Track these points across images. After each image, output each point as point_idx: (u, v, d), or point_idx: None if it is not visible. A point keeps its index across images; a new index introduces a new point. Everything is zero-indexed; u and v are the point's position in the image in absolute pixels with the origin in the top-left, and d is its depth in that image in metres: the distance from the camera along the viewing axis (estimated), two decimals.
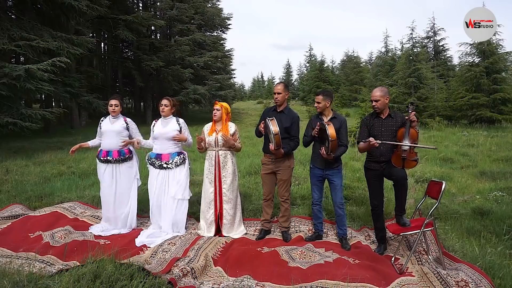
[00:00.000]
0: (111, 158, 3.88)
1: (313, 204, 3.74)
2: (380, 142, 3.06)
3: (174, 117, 3.97)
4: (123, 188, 3.95)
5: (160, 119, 3.94)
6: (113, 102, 3.93)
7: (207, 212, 3.84)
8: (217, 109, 3.81)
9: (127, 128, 3.97)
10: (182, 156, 3.92)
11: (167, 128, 3.87)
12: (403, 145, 3.00)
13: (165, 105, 3.88)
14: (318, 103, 3.53)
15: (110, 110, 3.94)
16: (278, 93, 3.65)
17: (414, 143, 3.02)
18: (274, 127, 3.34)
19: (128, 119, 4.04)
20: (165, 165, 3.83)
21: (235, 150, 3.91)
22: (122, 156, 3.91)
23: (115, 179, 3.91)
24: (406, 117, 3.05)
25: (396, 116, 3.24)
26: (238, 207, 3.92)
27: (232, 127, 3.86)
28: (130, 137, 4.01)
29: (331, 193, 3.66)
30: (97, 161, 3.97)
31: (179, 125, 3.91)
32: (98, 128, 4.02)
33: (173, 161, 3.85)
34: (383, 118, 3.25)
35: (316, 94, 3.60)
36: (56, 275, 2.66)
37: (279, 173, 3.71)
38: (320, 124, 3.37)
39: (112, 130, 3.90)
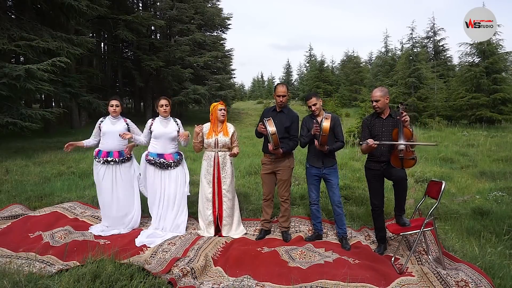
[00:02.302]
0: (111, 159, 3.87)
1: (311, 204, 3.74)
2: (378, 143, 3.09)
3: (171, 117, 3.99)
4: (125, 189, 3.95)
5: (158, 119, 3.93)
6: (114, 102, 3.91)
7: (204, 213, 3.84)
8: (224, 109, 3.82)
9: (128, 129, 3.97)
10: (181, 156, 4.00)
11: (168, 128, 3.89)
12: (402, 144, 3.00)
13: (165, 105, 3.89)
14: (314, 105, 3.52)
15: (111, 111, 3.92)
16: (283, 96, 3.63)
17: (410, 142, 3.02)
18: (271, 127, 3.35)
19: (128, 120, 4.04)
20: (166, 165, 3.85)
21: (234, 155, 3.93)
22: (122, 157, 3.92)
23: (115, 180, 3.90)
24: (398, 117, 3.06)
25: (396, 116, 3.24)
26: (236, 207, 3.92)
27: (231, 127, 3.86)
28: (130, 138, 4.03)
29: (328, 192, 3.66)
30: (95, 162, 3.93)
31: (177, 125, 3.96)
32: (97, 128, 3.95)
33: (175, 160, 3.89)
34: (384, 118, 3.25)
35: (308, 99, 3.57)
36: (56, 275, 2.66)
37: (279, 173, 3.71)
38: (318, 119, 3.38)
39: (115, 131, 3.88)
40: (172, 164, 3.88)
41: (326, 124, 3.22)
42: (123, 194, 3.94)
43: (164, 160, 3.85)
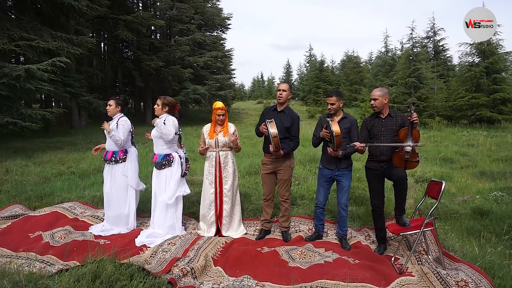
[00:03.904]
0: (106, 159, 3.94)
1: (317, 206, 3.69)
2: (364, 145, 3.11)
3: (167, 116, 3.86)
4: (117, 188, 3.92)
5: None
6: (108, 102, 4.01)
7: (207, 214, 3.84)
8: (222, 114, 3.76)
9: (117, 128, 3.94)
10: (167, 158, 3.79)
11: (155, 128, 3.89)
12: (408, 145, 3.00)
13: (156, 104, 3.89)
14: (332, 104, 3.42)
15: (106, 110, 4.04)
16: (283, 90, 3.63)
17: (416, 144, 3.02)
18: (272, 129, 3.34)
19: (122, 119, 3.96)
20: (156, 165, 3.85)
21: (237, 150, 3.91)
22: (115, 157, 3.91)
23: (110, 179, 3.93)
24: (408, 117, 3.03)
25: (396, 115, 3.24)
26: (238, 207, 3.92)
27: (231, 127, 3.86)
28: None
29: (337, 193, 3.62)
30: None
31: (164, 123, 3.78)
32: None
33: (158, 162, 3.81)
34: (383, 118, 3.26)
35: (328, 96, 3.45)
36: (56, 275, 2.66)
37: (279, 173, 3.70)
38: (325, 120, 3.36)
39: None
40: (158, 165, 3.81)
41: (336, 127, 3.17)
42: (115, 194, 3.92)
43: (154, 161, 3.87)
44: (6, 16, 11.05)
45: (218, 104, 3.82)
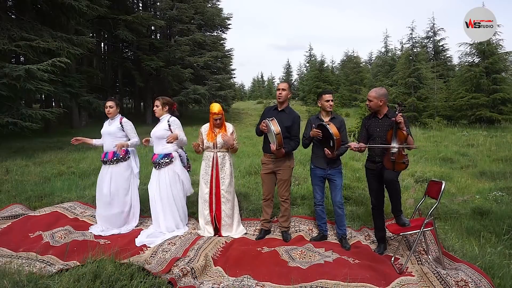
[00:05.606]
0: (107, 160, 3.93)
1: (316, 204, 3.72)
2: (359, 146, 3.16)
3: (168, 116, 3.93)
4: (117, 188, 3.93)
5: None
6: (107, 103, 4.00)
7: (203, 213, 3.86)
8: (219, 119, 3.73)
9: (122, 129, 3.99)
10: (168, 157, 3.84)
11: (156, 128, 3.92)
12: (394, 147, 3.00)
13: (156, 105, 3.93)
14: (333, 101, 3.56)
15: (106, 112, 4.01)
16: (283, 89, 3.65)
17: (403, 145, 3.02)
18: (275, 127, 3.34)
19: (124, 120, 4.04)
20: (155, 165, 3.87)
21: (233, 151, 3.89)
22: (116, 157, 3.92)
23: (109, 179, 3.92)
24: (393, 119, 3.04)
25: (392, 117, 3.24)
26: (236, 208, 3.92)
27: (230, 128, 3.85)
28: (127, 137, 4.05)
29: (331, 192, 3.65)
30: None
31: (168, 124, 3.85)
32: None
33: (158, 161, 3.84)
34: (380, 118, 3.27)
35: (330, 93, 3.56)
36: (56, 275, 2.66)
37: (279, 173, 3.71)
38: (320, 124, 3.36)
39: (108, 132, 3.97)
40: (157, 165, 3.83)
41: (334, 130, 3.20)
42: (116, 194, 3.93)
43: (153, 160, 3.89)
44: (6, 16, 11.05)
45: (215, 108, 3.72)
